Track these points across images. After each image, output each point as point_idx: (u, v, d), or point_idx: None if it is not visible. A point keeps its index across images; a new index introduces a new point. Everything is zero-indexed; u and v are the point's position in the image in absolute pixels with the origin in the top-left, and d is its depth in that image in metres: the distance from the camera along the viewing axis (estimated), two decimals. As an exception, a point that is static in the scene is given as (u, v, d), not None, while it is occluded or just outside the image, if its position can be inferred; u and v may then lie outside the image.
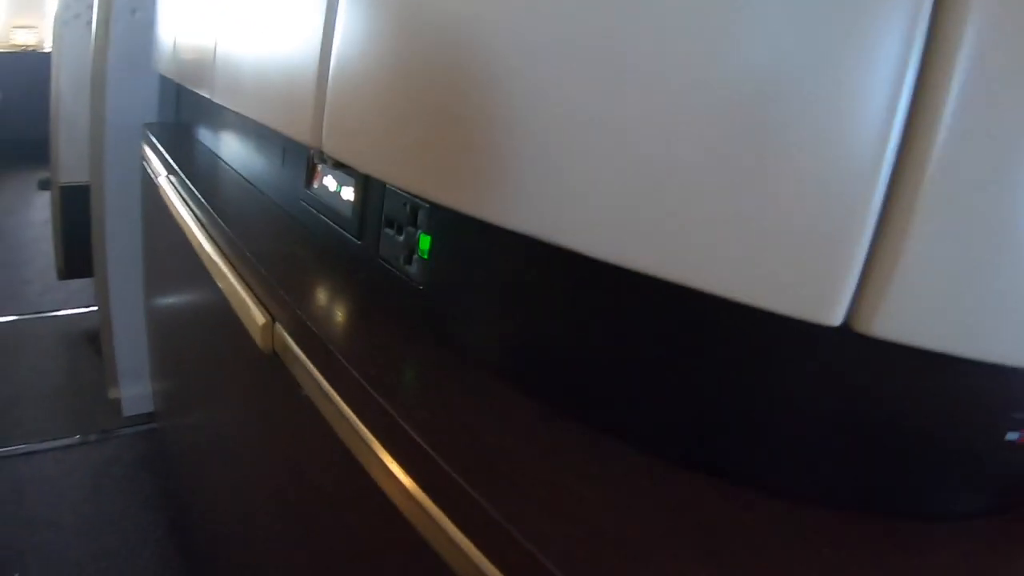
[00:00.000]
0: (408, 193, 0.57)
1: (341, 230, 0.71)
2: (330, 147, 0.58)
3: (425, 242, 0.55)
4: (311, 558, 0.60)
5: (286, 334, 0.60)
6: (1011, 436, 0.41)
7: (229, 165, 1.17)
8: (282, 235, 0.80)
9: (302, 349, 0.57)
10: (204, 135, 1.40)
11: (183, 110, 1.64)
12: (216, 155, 1.26)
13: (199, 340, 1.06)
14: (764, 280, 0.34)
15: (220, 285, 0.78)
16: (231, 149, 1.17)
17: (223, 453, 0.94)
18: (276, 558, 0.70)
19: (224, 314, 0.77)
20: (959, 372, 0.38)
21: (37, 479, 1.61)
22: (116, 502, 1.58)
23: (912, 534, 0.40)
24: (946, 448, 0.41)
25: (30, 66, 4.28)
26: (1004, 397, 0.40)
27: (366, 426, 0.47)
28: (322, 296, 0.62)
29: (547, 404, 0.47)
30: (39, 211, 3.62)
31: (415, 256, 0.57)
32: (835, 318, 0.34)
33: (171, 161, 1.18)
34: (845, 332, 0.34)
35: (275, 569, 0.71)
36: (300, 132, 0.63)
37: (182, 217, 0.99)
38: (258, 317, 0.64)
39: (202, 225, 0.91)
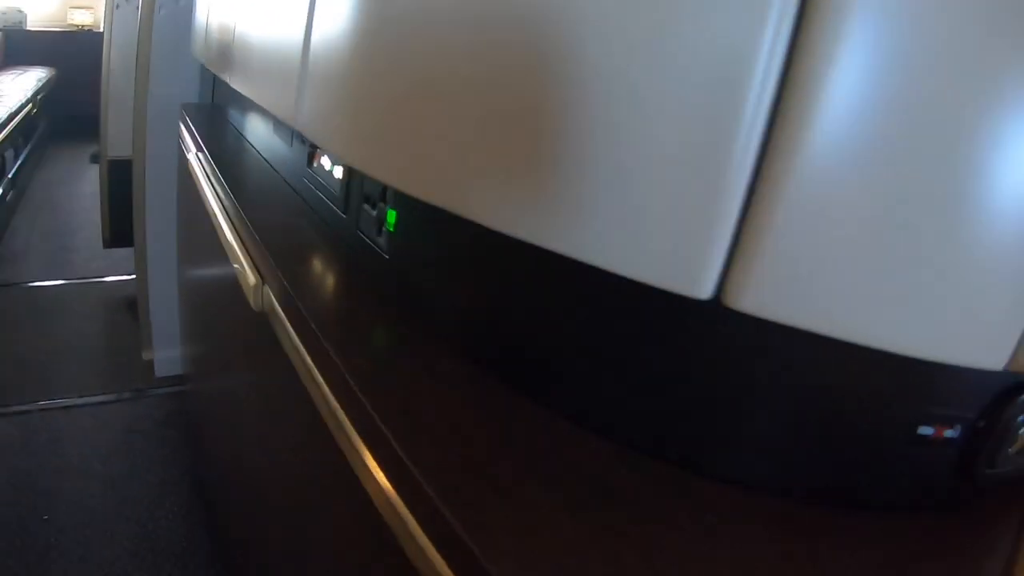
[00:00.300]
0: None
1: (331, 205, 0.79)
2: (302, 125, 0.64)
3: (391, 216, 0.62)
4: (316, 504, 0.67)
5: (272, 295, 0.68)
6: (924, 431, 0.43)
7: (251, 145, 1.26)
8: (285, 209, 0.88)
9: (282, 309, 0.64)
10: (233, 116, 1.49)
11: (217, 92, 1.74)
12: (241, 135, 1.35)
13: (219, 307, 1.15)
14: (638, 253, 0.37)
15: (226, 251, 0.86)
16: (253, 130, 1.26)
17: (240, 413, 1.02)
18: (288, 510, 0.76)
19: (234, 281, 0.86)
20: (866, 361, 0.39)
21: (73, 431, 1.73)
22: (144, 456, 1.69)
23: (824, 522, 0.42)
24: (856, 437, 0.43)
25: (85, 45, 4.46)
26: (915, 390, 0.42)
27: (320, 375, 0.54)
28: (305, 262, 0.69)
29: (472, 358, 0.53)
30: (90, 183, 3.80)
31: (383, 229, 0.64)
32: (704, 291, 0.36)
33: (198, 138, 1.27)
34: (717, 306, 0.36)
35: (288, 520, 0.76)
36: (286, 113, 0.69)
37: (204, 191, 1.08)
38: (251, 278, 0.72)
39: (218, 198, 1.00)
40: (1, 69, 3.91)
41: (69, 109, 4.37)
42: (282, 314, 0.64)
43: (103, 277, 2.69)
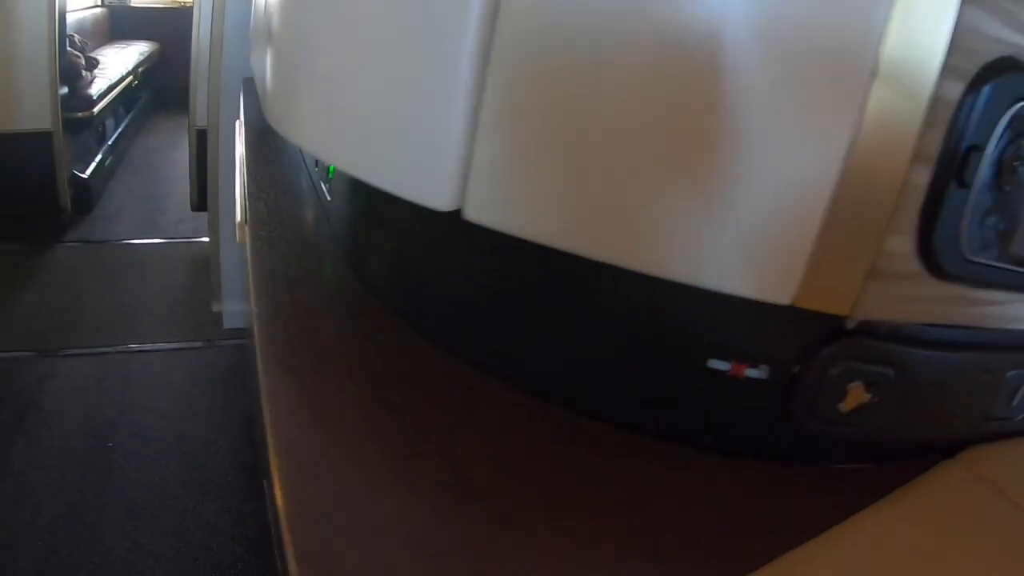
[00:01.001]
0: None
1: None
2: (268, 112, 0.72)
3: (331, 168, 0.68)
4: None
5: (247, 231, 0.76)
6: (716, 364, 0.43)
7: None
8: (291, 164, 0.96)
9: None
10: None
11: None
12: None
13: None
14: (393, 168, 0.41)
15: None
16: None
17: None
18: None
19: None
20: (662, 293, 0.41)
21: (145, 372, 1.91)
22: (206, 399, 1.85)
23: (667, 455, 0.45)
24: (653, 370, 0.45)
25: (185, 21, 4.75)
26: (703, 322, 0.43)
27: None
28: (276, 204, 0.77)
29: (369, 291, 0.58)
30: (184, 151, 4.09)
31: (329, 176, 0.70)
32: (445, 204, 0.39)
33: (242, 108, 1.38)
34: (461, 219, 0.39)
35: None
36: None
37: (238, 158, 1.18)
38: (238, 216, 0.81)
39: (244, 159, 1.10)
40: (106, 43, 4.23)
41: (171, 82, 4.67)
42: (248, 251, 0.72)
43: (189, 238, 2.91)
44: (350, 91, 0.44)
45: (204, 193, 2.50)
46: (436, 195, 0.40)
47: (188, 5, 5.49)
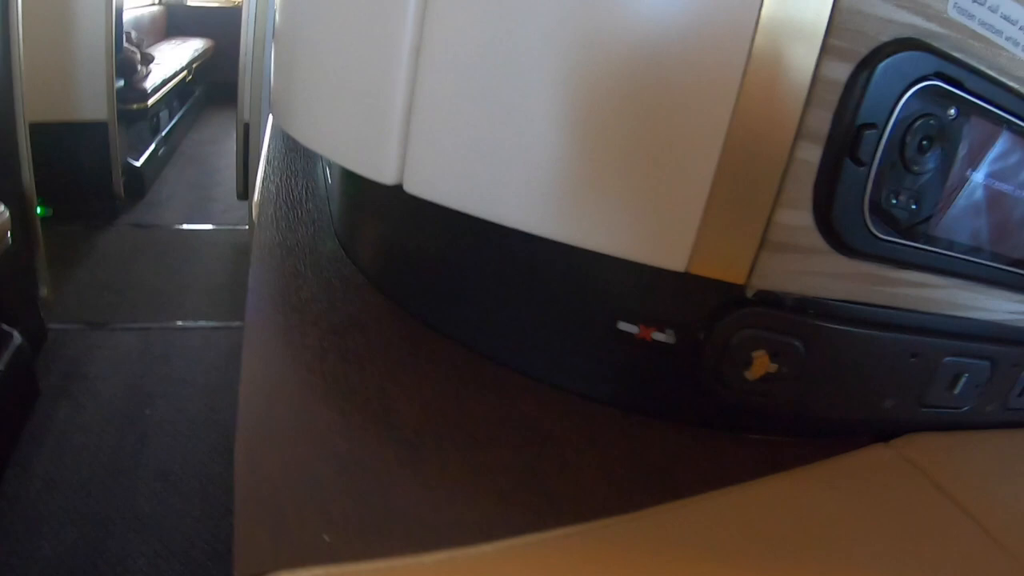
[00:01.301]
0: None
1: None
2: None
3: None
4: None
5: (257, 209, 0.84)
6: (625, 327, 0.45)
7: None
8: (310, 152, 1.04)
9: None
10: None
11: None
12: None
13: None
14: (347, 147, 0.46)
15: None
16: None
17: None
18: None
19: None
20: (580, 256, 0.42)
21: (185, 348, 2.03)
22: (239, 374, 1.96)
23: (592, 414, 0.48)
24: (572, 329, 0.47)
25: (238, 20, 4.93)
26: (614, 284, 0.45)
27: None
28: (286, 186, 0.85)
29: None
30: (233, 144, 4.26)
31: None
32: (388, 179, 0.43)
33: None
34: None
35: None
36: None
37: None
38: (256, 197, 0.88)
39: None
40: (163, 40, 4.43)
41: (224, 78, 4.86)
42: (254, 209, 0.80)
43: (234, 225, 3.04)
44: (314, 79, 0.50)
45: (250, 183, 2.63)
46: (382, 171, 0.44)
47: (241, 4, 5.72)
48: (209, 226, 2.99)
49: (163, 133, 3.56)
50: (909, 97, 0.39)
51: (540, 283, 0.48)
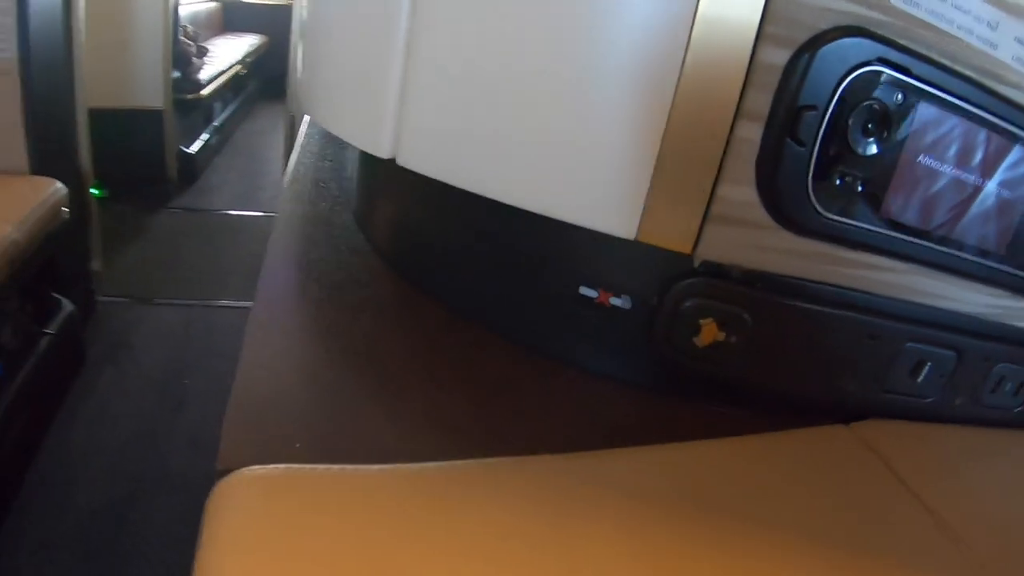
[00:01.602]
0: None
1: None
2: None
3: None
4: None
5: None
6: (586, 291, 0.48)
7: None
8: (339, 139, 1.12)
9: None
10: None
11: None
12: None
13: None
14: (349, 122, 0.51)
15: None
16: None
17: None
18: None
19: None
20: (547, 224, 0.45)
21: (224, 325, 2.12)
22: (274, 354, 2.04)
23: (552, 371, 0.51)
24: (537, 292, 0.50)
25: (291, 17, 5.10)
26: (576, 251, 0.48)
27: None
28: (313, 167, 0.93)
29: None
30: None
31: None
32: (383, 152, 0.48)
33: None
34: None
35: None
36: None
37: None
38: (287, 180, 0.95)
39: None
40: (219, 35, 4.61)
41: (277, 72, 5.02)
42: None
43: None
44: (327, 67, 0.56)
45: (296, 172, 2.73)
46: (379, 146, 0.49)
47: (291, 3, 5.90)
48: (255, 212, 3.10)
49: (216, 123, 3.71)
50: (851, 81, 0.41)
51: (513, 250, 0.53)
